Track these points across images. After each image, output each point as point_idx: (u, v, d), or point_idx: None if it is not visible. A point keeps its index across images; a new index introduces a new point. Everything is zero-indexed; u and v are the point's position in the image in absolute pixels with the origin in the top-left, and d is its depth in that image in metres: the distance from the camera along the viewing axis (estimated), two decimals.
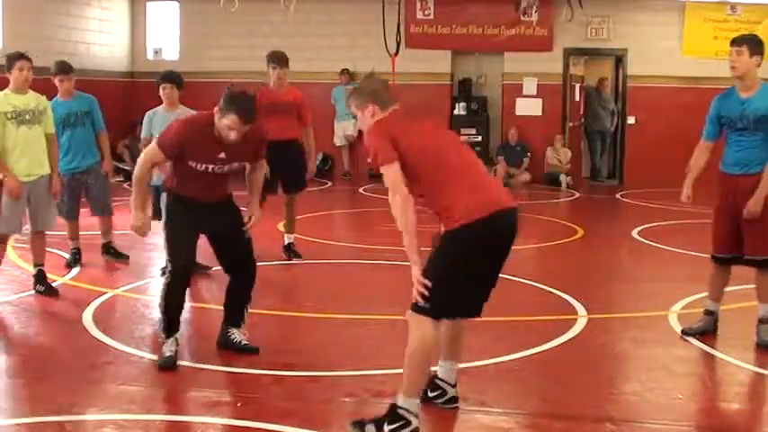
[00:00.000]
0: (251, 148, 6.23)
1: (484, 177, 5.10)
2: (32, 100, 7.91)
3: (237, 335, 6.41)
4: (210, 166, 6.05)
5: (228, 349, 6.37)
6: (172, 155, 6.04)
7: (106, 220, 9.54)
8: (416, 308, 4.81)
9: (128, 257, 9.53)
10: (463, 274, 4.79)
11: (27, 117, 7.82)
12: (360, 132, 17.74)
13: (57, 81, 9.19)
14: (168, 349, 6.12)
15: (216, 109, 5.95)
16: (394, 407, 4.86)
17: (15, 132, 7.75)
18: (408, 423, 4.83)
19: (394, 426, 4.82)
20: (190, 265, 6.39)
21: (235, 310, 6.46)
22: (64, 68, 9.28)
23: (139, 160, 6.14)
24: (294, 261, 9.70)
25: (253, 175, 6.49)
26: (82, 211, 9.47)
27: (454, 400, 5.36)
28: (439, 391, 5.36)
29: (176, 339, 6.19)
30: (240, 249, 6.36)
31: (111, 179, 9.75)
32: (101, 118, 9.43)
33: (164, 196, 6.37)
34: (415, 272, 4.78)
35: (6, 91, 7.87)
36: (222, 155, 6.03)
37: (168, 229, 6.22)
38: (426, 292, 4.74)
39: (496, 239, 4.82)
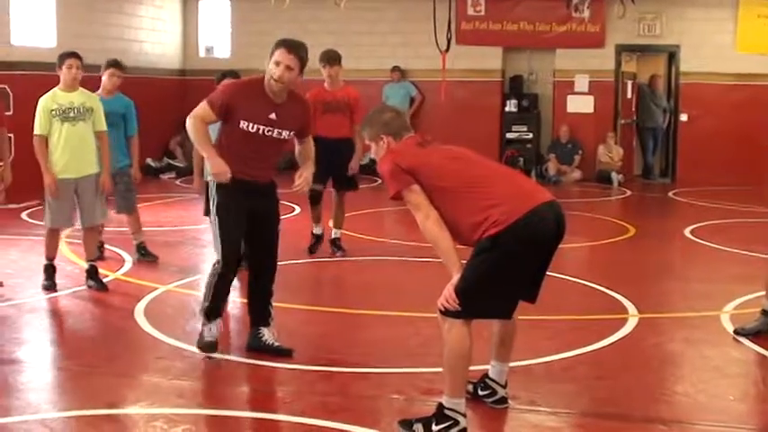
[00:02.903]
0: (300, 115, 6.23)
1: (516, 178, 5.12)
2: (79, 97, 8.05)
3: (268, 335, 6.32)
4: (262, 128, 6.00)
5: (261, 351, 6.26)
6: (221, 112, 6.00)
7: (133, 220, 9.50)
8: (448, 312, 4.80)
9: (156, 257, 9.45)
10: (503, 277, 4.74)
11: (71, 114, 7.98)
12: None
13: (107, 75, 9.18)
14: (209, 333, 6.15)
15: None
16: (441, 407, 4.86)
17: (60, 129, 7.94)
18: (456, 423, 4.82)
19: (442, 426, 4.82)
20: (240, 257, 6.44)
21: (259, 307, 6.38)
22: (119, 63, 9.34)
23: (191, 124, 6.03)
24: (338, 256, 9.73)
25: (302, 147, 6.43)
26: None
27: (504, 400, 5.34)
28: (489, 391, 5.35)
29: (217, 324, 6.20)
30: (268, 240, 6.32)
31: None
32: (135, 123, 9.36)
33: (212, 186, 6.22)
34: (454, 280, 4.77)
35: (56, 89, 8.05)
36: (273, 115, 6.01)
37: (219, 219, 6.14)
38: (454, 305, 4.73)
39: (540, 236, 4.78)
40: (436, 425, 4.83)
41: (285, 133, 6.13)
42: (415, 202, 4.86)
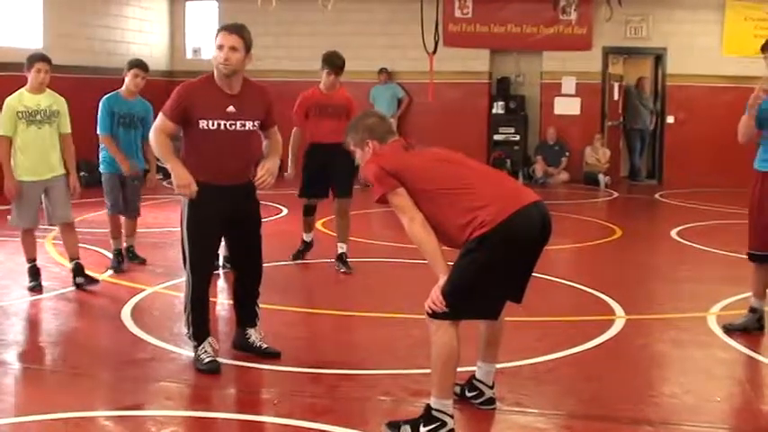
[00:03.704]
0: (260, 104, 6.06)
1: (502, 179, 5.14)
2: (45, 100, 8.01)
3: (255, 336, 6.26)
4: (222, 123, 5.83)
5: (248, 352, 6.22)
6: (177, 117, 5.84)
7: (132, 223, 9.39)
8: (435, 314, 4.80)
9: (144, 260, 9.37)
10: (490, 278, 4.75)
11: (38, 117, 7.95)
12: (397, 131, 17.74)
13: (130, 75, 9.02)
14: (206, 354, 5.99)
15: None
16: (429, 408, 4.87)
17: (25, 132, 7.91)
18: (444, 424, 4.83)
19: (430, 427, 4.82)
20: (209, 274, 6.29)
21: (246, 308, 6.30)
22: (142, 64, 9.18)
23: (152, 139, 5.94)
24: (343, 272, 9.20)
25: (268, 141, 6.26)
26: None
27: (491, 401, 5.35)
28: (476, 392, 5.35)
29: (209, 342, 6.06)
30: (250, 243, 6.19)
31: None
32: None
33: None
34: (441, 282, 4.78)
35: (22, 90, 8.01)
36: (231, 108, 5.84)
37: (188, 233, 5.98)
38: (441, 307, 4.74)
39: (527, 237, 4.80)
40: (424, 426, 4.83)
41: (249, 124, 5.95)
42: (401, 205, 4.86)
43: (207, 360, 5.97)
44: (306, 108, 9.08)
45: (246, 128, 5.96)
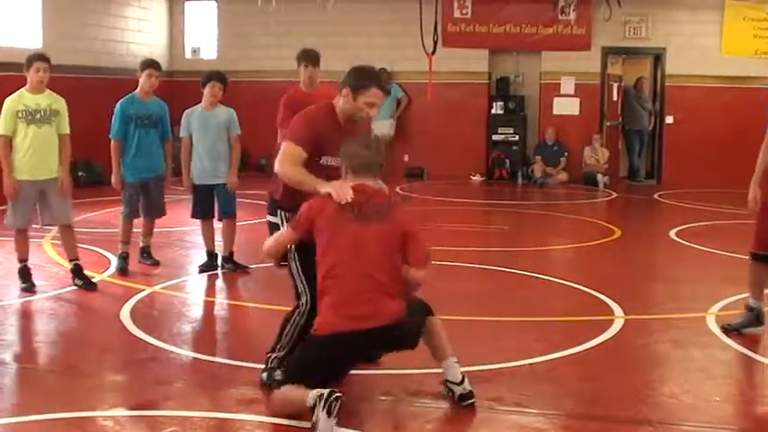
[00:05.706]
0: None
1: (369, 290, 5.14)
2: (45, 100, 8.00)
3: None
4: (338, 159, 5.42)
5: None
6: (310, 147, 5.37)
7: (151, 223, 9.35)
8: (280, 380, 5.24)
9: (158, 262, 9.32)
10: (329, 361, 5.11)
11: (37, 117, 7.94)
12: (396, 131, 17.76)
13: (144, 75, 8.96)
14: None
15: (344, 91, 5.45)
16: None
17: (25, 131, 7.91)
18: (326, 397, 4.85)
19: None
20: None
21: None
22: (156, 63, 9.14)
23: (284, 172, 5.40)
24: None
25: None
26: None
27: (465, 397, 5.31)
28: (450, 393, 5.36)
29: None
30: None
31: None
32: (169, 126, 9.22)
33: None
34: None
35: (22, 90, 8.01)
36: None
37: (298, 255, 5.54)
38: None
39: (351, 356, 5.21)
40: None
41: None
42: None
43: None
44: (291, 109, 8.89)
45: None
